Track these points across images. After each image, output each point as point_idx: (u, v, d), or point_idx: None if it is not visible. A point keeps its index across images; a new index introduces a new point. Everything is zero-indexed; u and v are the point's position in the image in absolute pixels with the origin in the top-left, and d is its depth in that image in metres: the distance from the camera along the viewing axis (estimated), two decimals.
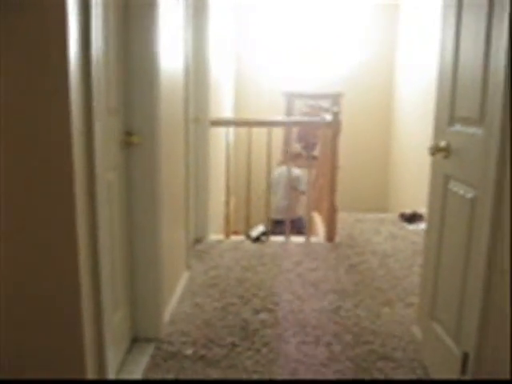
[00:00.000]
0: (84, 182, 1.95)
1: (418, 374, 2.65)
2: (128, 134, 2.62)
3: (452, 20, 2.51)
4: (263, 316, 3.24)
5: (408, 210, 5.78)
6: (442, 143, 2.52)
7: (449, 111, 2.52)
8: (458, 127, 2.43)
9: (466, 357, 2.21)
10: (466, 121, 2.34)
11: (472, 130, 2.26)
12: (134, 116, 2.65)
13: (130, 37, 2.59)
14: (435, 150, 2.58)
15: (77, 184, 1.87)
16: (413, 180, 6.53)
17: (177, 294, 3.46)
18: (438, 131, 2.66)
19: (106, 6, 2.19)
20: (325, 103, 7.84)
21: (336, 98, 7.67)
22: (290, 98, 7.95)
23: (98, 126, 2.02)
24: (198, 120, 4.44)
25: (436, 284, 2.64)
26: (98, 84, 2.02)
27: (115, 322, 2.48)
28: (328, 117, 4.95)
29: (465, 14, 2.39)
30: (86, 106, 1.94)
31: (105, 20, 2.18)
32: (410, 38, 6.99)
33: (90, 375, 2.07)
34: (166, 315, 3.11)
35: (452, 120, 2.49)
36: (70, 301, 1.95)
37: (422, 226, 5.14)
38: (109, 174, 2.33)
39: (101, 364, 2.18)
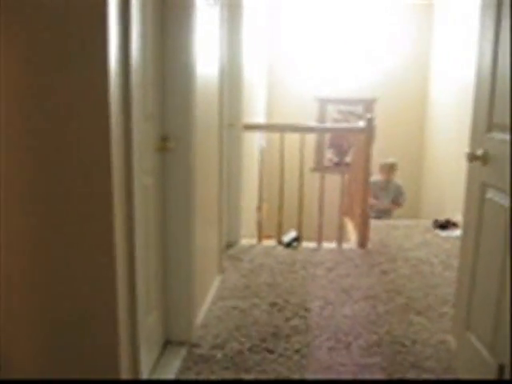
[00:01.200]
0: (122, 186, 1.98)
1: None
2: (164, 139, 2.64)
3: (490, 22, 2.47)
4: (295, 322, 3.24)
5: (441, 218, 5.71)
6: (480, 150, 2.49)
7: (487, 118, 2.49)
8: (496, 134, 2.39)
9: (501, 368, 2.18)
10: (504, 128, 2.30)
11: (510, 136, 2.22)
12: (169, 121, 2.68)
13: (166, 42, 2.62)
14: (472, 158, 2.55)
15: (115, 188, 1.90)
16: (446, 187, 6.45)
17: (209, 298, 3.47)
18: (476, 138, 2.63)
19: (143, 12, 2.22)
20: (358, 109, 7.80)
21: (369, 104, 7.63)
22: (323, 103, 7.93)
23: (135, 132, 2.05)
24: (232, 125, 4.46)
25: (472, 293, 2.61)
26: (136, 90, 2.05)
27: (149, 325, 2.51)
28: (361, 123, 4.92)
29: (504, 16, 2.35)
30: (124, 111, 1.97)
31: (143, 25, 2.21)
32: (445, 41, 6.90)
33: (124, 377, 2.09)
34: (199, 319, 3.12)
35: (490, 127, 2.46)
36: (106, 304, 1.98)
37: (456, 233, 5.07)
38: (145, 178, 2.36)
39: (135, 366, 2.21)
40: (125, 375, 2.09)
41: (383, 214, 6.55)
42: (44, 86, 1.84)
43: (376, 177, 6.38)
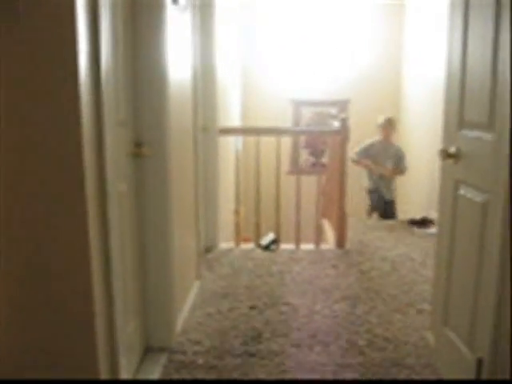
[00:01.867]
0: (95, 193, 1.96)
1: None
2: (138, 145, 2.63)
3: (459, 22, 2.50)
4: (274, 324, 3.24)
5: (417, 216, 5.77)
6: (452, 148, 2.52)
7: (458, 116, 2.52)
8: (467, 132, 2.42)
9: (480, 362, 2.20)
10: (475, 125, 2.33)
11: (482, 134, 2.25)
12: (143, 127, 2.66)
13: (138, 47, 2.60)
14: (445, 155, 2.58)
15: (88, 195, 1.88)
16: (422, 185, 6.52)
17: (188, 304, 3.46)
18: (448, 136, 2.66)
19: (113, 17, 2.20)
20: (332, 110, 7.85)
21: (343, 105, 7.68)
22: (297, 105, 7.96)
23: (108, 138, 2.03)
24: (207, 129, 4.45)
25: (448, 289, 2.63)
26: (107, 95, 2.04)
27: (128, 332, 2.48)
28: (336, 124, 4.95)
29: (472, 15, 2.38)
30: (96, 117, 1.95)
31: (113, 30, 2.19)
32: (416, 40, 6.97)
33: None
34: (178, 325, 3.11)
35: (461, 125, 2.49)
36: (83, 312, 1.96)
37: (431, 230, 5.13)
38: (120, 185, 2.34)
39: (114, 373, 2.19)
40: None
41: (383, 182, 6.23)
42: (12, 94, 1.82)
43: (374, 139, 6.23)
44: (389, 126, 6.15)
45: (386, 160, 6.13)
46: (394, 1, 7.48)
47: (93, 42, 1.91)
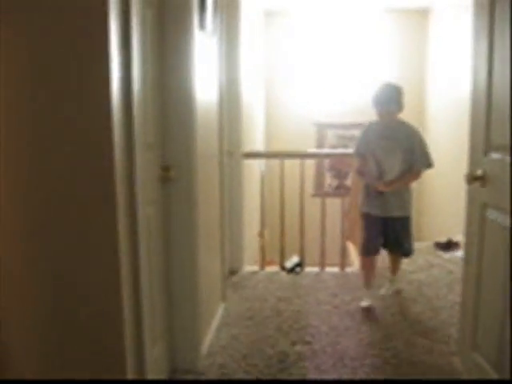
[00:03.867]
0: (126, 217, 2.00)
1: None
2: (165, 168, 2.67)
3: (484, 44, 2.51)
4: (300, 348, 3.23)
5: (443, 239, 5.71)
6: (479, 171, 2.51)
7: (484, 139, 2.51)
8: (494, 155, 2.42)
9: None
10: (502, 148, 2.32)
11: (509, 157, 2.24)
12: (170, 151, 2.70)
13: (165, 71, 2.66)
14: (472, 179, 2.57)
15: (119, 219, 1.92)
16: (446, 207, 6.46)
17: (213, 326, 3.46)
18: (474, 159, 2.65)
19: (143, 41, 2.26)
20: (356, 132, 7.84)
21: None
22: (321, 128, 7.98)
23: (138, 162, 2.07)
24: (232, 152, 4.49)
25: (476, 314, 2.61)
26: (137, 119, 2.08)
27: (155, 353, 2.50)
28: None
29: (497, 38, 2.39)
30: (127, 142, 2.01)
31: (143, 56, 2.25)
32: (440, 59, 6.94)
33: None
34: (204, 348, 3.11)
35: (488, 147, 2.48)
36: (114, 335, 1.99)
37: (458, 253, 5.07)
38: (147, 208, 2.38)
39: None
40: None
41: (391, 197, 3.78)
42: (48, 122, 1.88)
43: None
44: (389, 94, 3.85)
45: (391, 154, 3.75)
46: (416, 21, 7.48)
47: (125, 67, 1.98)
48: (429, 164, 3.82)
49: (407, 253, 4.10)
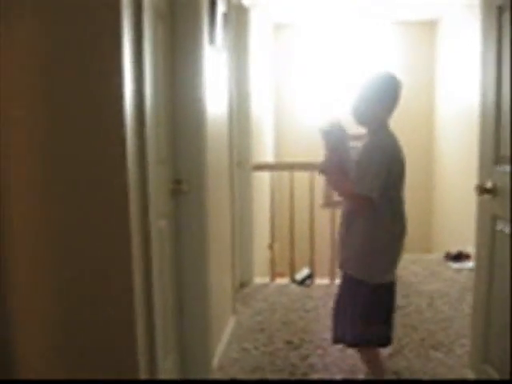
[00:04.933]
0: (139, 231, 2.02)
1: None
2: (177, 182, 2.69)
3: (492, 55, 2.52)
4: (311, 360, 3.23)
5: (453, 250, 5.69)
6: (489, 184, 2.51)
7: (494, 150, 2.52)
8: (504, 167, 2.42)
9: None
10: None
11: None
12: (182, 164, 2.73)
13: (176, 86, 2.69)
14: (482, 191, 2.57)
15: (133, 232, 1.94)
16: (457, 219, 6.44)
17: (224, 339, 3.47)
18: (484, 170, 2.65)
19: (155, 57, 2.30)
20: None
21: None
22: None
23: (151, 176, 2.10)
24: (241, 164, 4.52)
25: (488, 326, 2.60)
26: (150, 134, 2.11)
27: (166, 367, 2.51)
28: None
29: (505, 48, 2.40)
30: (140, 156, 2.03)
31: (154, 70, 2.28)
32: (449, 68, 6.93)
33: None
34: (215, 360, 3.12)
35: (497, 159, 2.49)
36: (126, 348, 2.00)
37: (468, 264, 5.05)
38: (160, 221, 2.40)
39: None
40: None
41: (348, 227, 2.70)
42: (62, 137, 1.91)
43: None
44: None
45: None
46: (424, 33, 7.49)
47: (137, 81, 2.00)
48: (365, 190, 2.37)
49: (352, 343, 2.63)
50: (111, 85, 1.86)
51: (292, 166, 5.29)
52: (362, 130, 2.61)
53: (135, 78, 1.98)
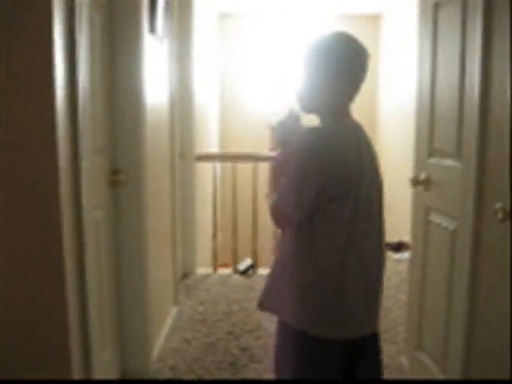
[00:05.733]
0: (71, 220, 1.98)
1: None
2: (114, 172, 2.65)
3: (427, 50, 2.59)
4: (251, 350, 3.25)
5: (393, 239, 5.81)
6: (422, 175, 2.58)
7: (428, 144, 2.59)
8: (437, 160, 2.49)
9: None
10: (444, 154, 2.40)
11: (450, 162, 2.32)
12: (120, 154, 2.69)
13: (114, 74, 2.65)
14: (416, 182, 2.64)
15: (64, 222, 1.90)
16: (397, 209, 6.58)
17: (165, 329, 3.45)
18: (419, 163, 2.72)
19: (91, 44, 2.25)
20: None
21: None
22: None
23: (84, 165, 2.06)
24: (184, 155, 4.49)
25: (421, 314, 2.68)
26: (84, 122, 2.07)
27: (103, 360, 2.48)
28: None
29: (440, 45, 2.47)
30: (72, 145, 1.99)
31: (90, 58, 2.24)
32: (392, 64, 7.06)
33: None
34: (155, 351, 3.10)
35: (431, 153, 2.56)
36: (58, 341, 1.96)
37: (407, 254, 5.18)
38: (96, 212, 2.36)
39: None
40: None
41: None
42: None
43: None
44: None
45: None
46: (367, 27, 7.58)
47: (69, 69, 1.96)
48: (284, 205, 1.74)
49: None
50: (41, 74, 1.81)
51: (235, 157, 5.30)
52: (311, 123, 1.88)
53: (67, 67, 1.94)
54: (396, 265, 5.14)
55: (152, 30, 2.96)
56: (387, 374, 2.93)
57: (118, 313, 2.79)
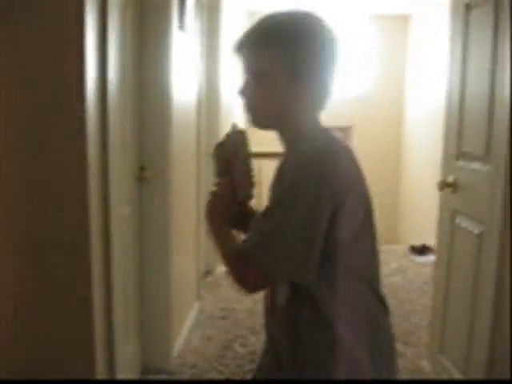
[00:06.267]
0: (99, 215, 2.00)
1: None
2: (141, 168, 2.67)
3: (458, 54, 2.56)
4: None
5: (418, 243, 5.77)
6: (450, 178, 2.55)
7: (456, 147, 2.56)
8: (465, 162, 2.47)
9: None
10: (472, 157, 2.37)
11: (478, 165, 2.29)
12: (147, 151, 2.71)
13: (144, 71, 2.67)
14: (443, 185, 2.61)
15: (92, 217, 1.92)
16: (422, 212, 6.53)
17: (187, 325, 3.47)
18: (446, 166, 2.70)
19: (121, 41, 2.27)
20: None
21: (346, 131, 7.71)
22: None
23: (112, 161, 2.08)
24: (210, 153, 4.49)
25: (445, 318, 2.65)
26: (113, 119, 2.09)
27: (126, 353, 2.50)
28: None
29: (471, 48, 2.44)
30: (101, 141, 2.01)
31: (120, 53, 2.26)
32: (420, 65, 6.99)
33: None
34: (176, 347, 3.12)
35: (459, 155, 2.53)
36: (83, 333, 1.98)
37: (432, 258, 5.13)
38: (123, 207, 2.38)
39: None
40: None
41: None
42: (21, 121, 1.88)
43: None
44: None
45: None
46: (396, 26, 7.51)
47: (101, 67, 1.98)
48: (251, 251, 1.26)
49: None
50: (73, 70, 1.83)
51: (263, 155, 5.29)
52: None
53: (98, 64, 1.96)
54: (420, 268, 5.10)
55: (181, 26, 2.97)
56: (409, 378, 2.91)
57: (141, 308, 2.81)
